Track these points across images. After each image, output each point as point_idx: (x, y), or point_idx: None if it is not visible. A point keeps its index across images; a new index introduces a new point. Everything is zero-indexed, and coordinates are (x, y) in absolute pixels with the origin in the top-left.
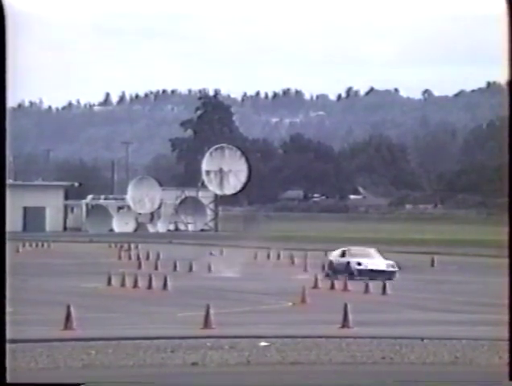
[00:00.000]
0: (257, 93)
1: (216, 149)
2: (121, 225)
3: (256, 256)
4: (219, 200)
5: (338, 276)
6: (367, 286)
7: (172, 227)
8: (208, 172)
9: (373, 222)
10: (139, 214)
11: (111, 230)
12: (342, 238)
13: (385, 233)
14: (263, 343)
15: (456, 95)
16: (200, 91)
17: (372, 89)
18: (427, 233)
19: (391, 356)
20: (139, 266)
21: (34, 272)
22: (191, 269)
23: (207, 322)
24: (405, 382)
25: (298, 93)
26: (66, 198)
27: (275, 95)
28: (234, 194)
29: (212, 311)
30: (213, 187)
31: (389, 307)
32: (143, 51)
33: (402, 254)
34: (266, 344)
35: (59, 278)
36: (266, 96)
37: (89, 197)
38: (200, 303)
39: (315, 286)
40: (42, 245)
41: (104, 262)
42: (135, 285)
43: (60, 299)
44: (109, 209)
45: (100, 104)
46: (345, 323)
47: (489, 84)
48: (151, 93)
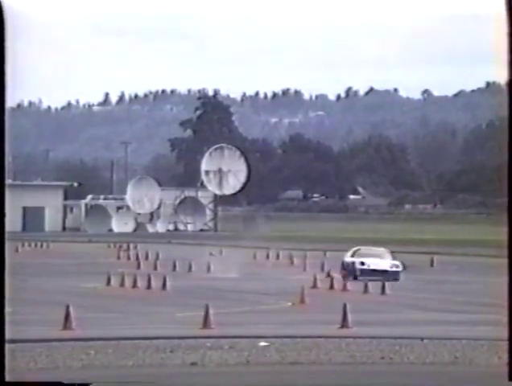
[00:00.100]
0: (256, 93)
1: (215, 149)
2: (120, 225)
3: (255, 256)
4: (218, 200)
5: (349, 276)
6: (366, 286)
7: (171, 227)
8: (207, 172)
9: (372, 222)
10: (138, 214)
11: (110, 230)
12: (342, 238)
13: (384, 233)
14: (263, 343)
15: (456, 95)
16: (200, 91)
17: (371, 89)
18: (427, 233)
19: (391, 356)
20: (138, 266)
21: (33, 272)
22: (190, 269)
23: (206, 322)
24: (405, 382)
25: (297, 93)
26: (65, 198)
27: (275, 95)
28: (234, 194)
29: (211, 311)
30: (213, 187)
31: (388, 307)
32: (143, 51)
33: (401, 254)
34: (266, 344)
35: (58, 278)
36: (266, 96)
37: (89, 197)
38: (200, 303)
39: (314, 286)
40: (41, 245)
41: (103, 262)
42: (134, 285)
43: (59, 299)
44: (109, 209)
45: (99, 104)
46: (345, 323)
47: (489, 84)
48: (151, 93)
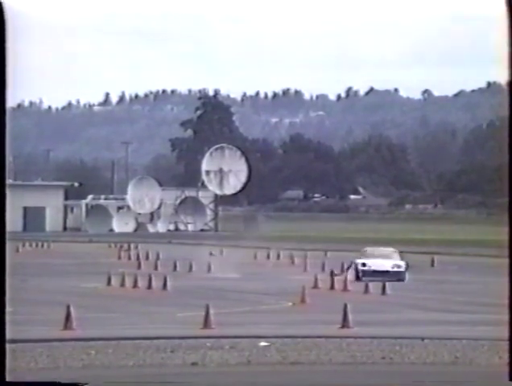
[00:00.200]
0: (256, 93)
1: (216, 149)
2: (120, 225)
3: (256, 256)
4: (219, 200)
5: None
6: (367, 286)
7: (172, 227)
8: (208, 172)
9: (373, 222)
10: (139, 214)
11: (111, 230)
12: (342, 238)
13: (385, 233)
14: (263, 343)
15: (456, 95)
16: (200, 91)
17: (372, 89)
18: (427, 233)
19: (391, 356)
20: (139, 266)
21: (34, 272)
22: (191, 269)
23: (207, 322)
24: (405, 382)
25: (297, 93)
26: (66, 198)
27: (275, 95)
28: (234, 194)
29: (211, 311)
30: (213, 187)
31: (389, 307)
32: (143, 51)
33: (402, 254)
34: (266, 344)
35: (58, 278)
36: (266, 96)
37: (89, 197)
38: (200, 303)
39: (315, 286)
40: (42, 245)
41: (103, 262)
42: (135, 285)
43: (60, 299)
44: (109, 209)
45: (100, 104)
46: (345, 323)
47: (489, 84)
48: (151, 93)
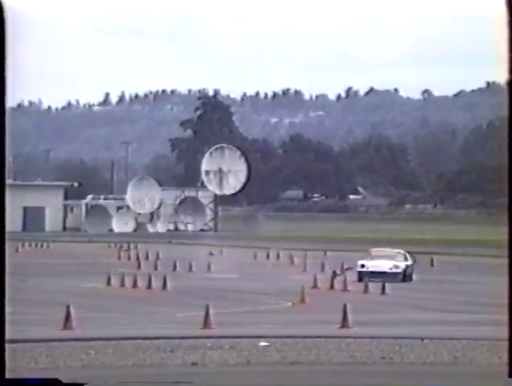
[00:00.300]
0: (256, 93)
1: (215, 149)
2: (120, 225)
3: (256, 256)
4: (219, 200)
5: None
6: (366, 286)
7: (172, 227)
8: (207, 172)
9: (372, 222)
10: (139, 214)
11: (111, 230)
12: (342, 238)
13: (385, 233)
14: (263, 343)
15: (456, 95)
16: (200, 91)
17: (372, 89)
18: (427, 233)
19: (391, 356)
20: (139, 266)
21: (33, 272)
22: (190, 269)
23: (206, 322)
24: (405, 382)
25: (297, 93)
26: (66, 198)
27: (275, 95)
28: (234, 194)
29: (211, 311)
30: (213, 187)
31: (388, 307)
32: (143, 51)
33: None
34: (266, 344)
35: (58, 278)
36: (266, 96)
37: (89, 197)
38: (200, 303)
39: (314, 286)
40: (41, 245)
41: (103, 262)
42: (135, 285)
43: (60, 299)
44: (109, 209)
45: (99, 104)
46: (345, 323)
47: (489, 84)
48: (151, 93)
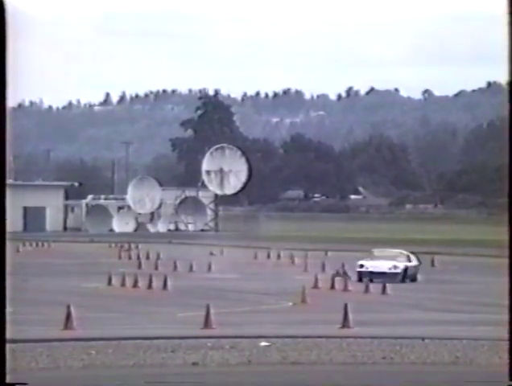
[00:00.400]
0: (257, 93)
1: (216, 149)
2: (121, 225)
3: (256, 256)
4: (219, 200)
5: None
6: (367, 286)
7: (172, 227)
8: (208, 172)
9: (373, 222)
10: (139, 214)
11: (111, 230)
12: (342, 238)
13: (385, 233)
14: (264, 343)
15: (457, 95)
16: (201, 91)
17: (372, 89)
18: (428, 233)
19: (392, 356)
20: (139, 266)
21: (34, 272)
22: (191, 269)
23: (207, 322)
24: (405, 382)
25: (298, 93)
26: (66, 198)
27: (276, 95)
28: (235, 194)
29: (212, 311)
30: (214, 187)
31: (389, 307)
32: (143, 51)
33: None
34: (267, 344)
35: (59, 278)
36: (267, 96)
37: (89, 197)
38: (201, 303)
39: (315, 286)
40: (42, 245)
41: (104, 262)
42: (135, 285)
43: (60, 299)
44: (110, 209)
45: (100, 103)
46: (346, 323)
47: (490, 84)
48: (151, 93)
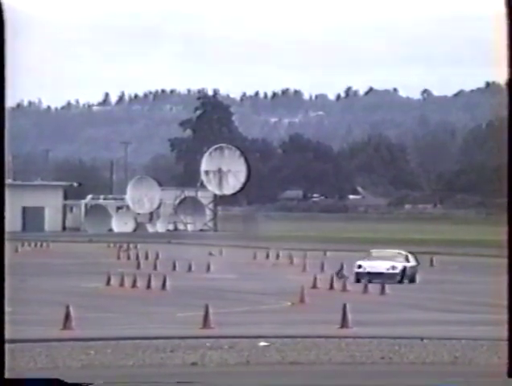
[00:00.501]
0: (256, 93)
1: (215, 149)
2: (120, 225)
3: (255, 256)
4: (218, 200)
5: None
6: (366, 286)
7: (171, 227)
8: (207, 172)
9: (372, 222)
10: (138, 214)
11: (110, 230)
12: (341, 238)
13: (384, 233)
14: (263, 343)
15: (456, 95)
16: (199, 91)
17: (371, 89)
18: (427, 233)
19: (390, 356)
20: (138, 266)
21: (33, 272)
22: (190, 269)
23: (206, 322)
24: (404, 382)
25: (297, 93)
26: (65, 198)
27: (274, 95)
28: (233, 194)
29: (211, 311)
30: (212, 187)
31: (388, 307)
32: (142, 51)
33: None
34: (266, 344)
35: (58, 278)
36: (265, 96)
37: (88, 197)
38: (199, 303)
39: (314, 286)
40: (41, 245)
41: (103, 262)
42: (134, 285)
43: (59, 299)
44: (108, 209)
45: (99, 104)
46: (344, 323)
47: (489, 84)
48: (150, 93)
